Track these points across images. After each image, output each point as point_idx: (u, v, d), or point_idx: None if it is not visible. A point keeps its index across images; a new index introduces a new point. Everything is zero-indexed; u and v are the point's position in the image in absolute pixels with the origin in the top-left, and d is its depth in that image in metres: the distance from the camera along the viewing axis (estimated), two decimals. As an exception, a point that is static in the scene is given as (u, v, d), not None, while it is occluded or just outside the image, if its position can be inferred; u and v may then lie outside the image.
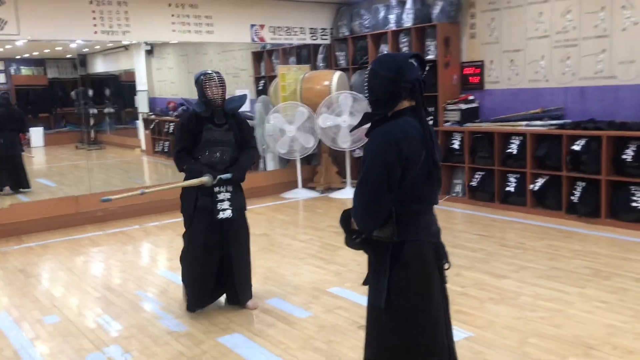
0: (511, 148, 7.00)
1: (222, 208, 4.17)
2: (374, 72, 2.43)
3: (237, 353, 3.63)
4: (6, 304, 4.68)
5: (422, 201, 2.42)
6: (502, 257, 5.32)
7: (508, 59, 7.43)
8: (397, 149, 2.29)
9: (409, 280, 2.38)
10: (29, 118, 11.93)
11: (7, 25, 6.65)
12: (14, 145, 9.43)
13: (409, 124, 2.36)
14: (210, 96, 4.11)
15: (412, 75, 2.37)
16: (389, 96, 2.39)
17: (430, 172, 2.38)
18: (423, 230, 2.42)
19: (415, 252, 2.38)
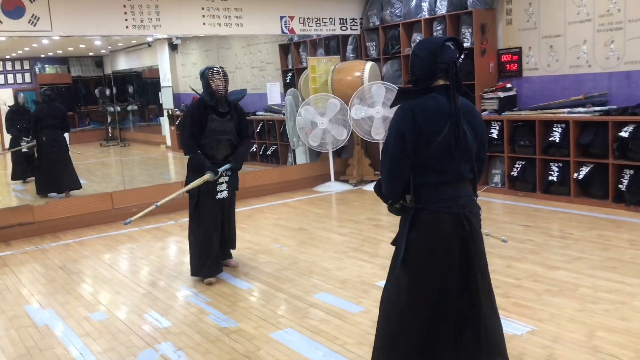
0: (553, 136, 6.80)
1: (221, 189, 4.87)
2: (414, 53, 2.66)
3: (292, 349, 3.52)
4: (51, 302, 4.63)
5: (443, 173, 2.57)
6: (553, 248, 5.15)
7: (547, 44, 7.22)
8: (411, 118, 2.52)
9: (420, 245, 2.59)
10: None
11: (40, 22, 6.60)
12: (58, 143, 8.74)
13: (435, 99, 2.56)
14: (214, 88, 4.69)
15: (447, 57, 2.56)
16: (426, 75, 2.59)
17: (450, 147, 2.52)
18: (443, 201, 2.57)
19: (430, 219, 2.57)
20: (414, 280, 2.62)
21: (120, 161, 10.89)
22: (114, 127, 15.34)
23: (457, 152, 2.56)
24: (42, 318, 4.28)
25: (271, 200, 8.07)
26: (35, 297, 4.77)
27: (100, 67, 16.03)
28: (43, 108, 8.82)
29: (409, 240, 2.61)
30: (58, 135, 8.74)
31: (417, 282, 2.62)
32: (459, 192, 2.62)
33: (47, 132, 8.63)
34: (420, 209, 2.59)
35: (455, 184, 2.61)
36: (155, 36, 8.23)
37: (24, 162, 9.95)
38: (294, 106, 8.93)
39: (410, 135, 2.52)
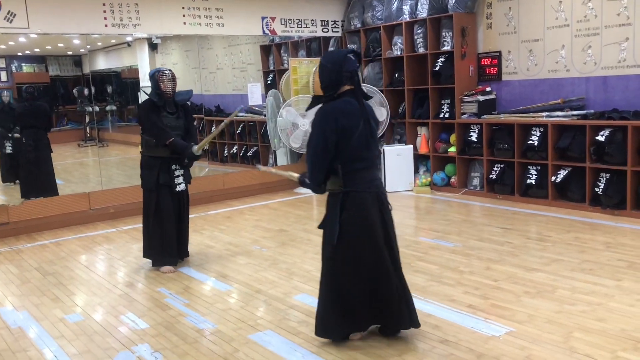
0: (532, 140, 6.87)
1: (178, 182, 5.13)
2: (322, 65, 3.28)
3: (271, 350, 3.50)
4: (25, 303, 4.54)
5: (362, 160, 3.24)
6: (531, 250, 5.20)
7: (526, 49, 7.30)
8: (333, 119, 3.14)
9: (353, 221, 3.23)
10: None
11: (16, 18, 6.49)
12: (41, 144, 8.29)
13: (348, 102, 3.21)
14: (163, 89, 5.01)
15: (350, 66, 3.23)
16: (334, 82, 3.22)
17: (368, 139, 3.22)
18: (364, 183, 3.26)
19: (357, 200, 3.23)
20: (353, 248, 3.26)
21: (98, 162, 10.75)
22: (92, 128, 15.14)
23: (368, 142, 3.23)
24: (16, 320, 4.20)
25: (251, 202, 8.03)
26: (8, 298, 4.68)
27: (78, 67, 15.82)
28: (24, 107, 8.37)
29: (342, 219, 3.23)
30: (41, 135, 8.27)
31: (355, 248, 3.27)
32: (374, 176, 3.34)
33: (28, 132, 8.20)
34: (347, 192, 3.24)
35: (371, 169, 3.32)
36: (135, 35, 8.14)
37: (11, 163, 9.35)
38: (275, 107, 8.90)
39: (331, 133, 3.14)
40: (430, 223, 6.40)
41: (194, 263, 5.38)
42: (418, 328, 3.49)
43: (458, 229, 6.03)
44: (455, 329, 3.64)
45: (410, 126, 8.38)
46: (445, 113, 7.84)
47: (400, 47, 8.30)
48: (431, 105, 7.99)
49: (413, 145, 8.28)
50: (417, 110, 8.25)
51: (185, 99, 5.23)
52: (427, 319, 3.80)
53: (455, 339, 3.50)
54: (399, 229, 6.21)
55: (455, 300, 4.11)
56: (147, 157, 5.14)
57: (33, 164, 8.19)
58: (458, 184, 7.82)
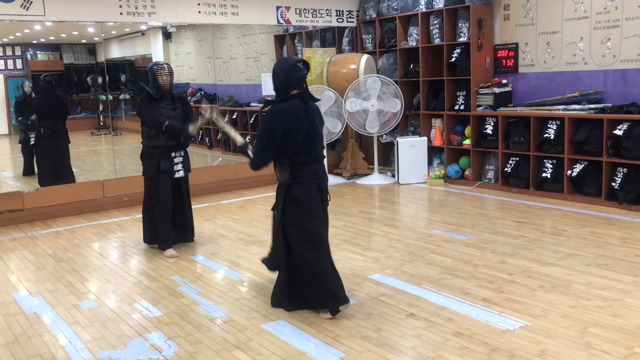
0: (548, 133, 6.79)
1: (177, 169, 5.34)
2: (274, 71, 3.75)
3: (284, 340, 3.50)
4: (40, 289, 4.57)
5: (307, 156, 3.70)
6: (546, 245, 5.15)
7: (544, 41, 7.21)
8: (281, 119, 3.61)
9: (298, 207, 3.74)
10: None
11: (33, 6, 6.50)
12: (60, 134, 8.22)
13: (295, 104, 3.67)
14: (161, 82, 5.19)
15: (299, 74, 3.69)
16: (284, 87, 3.70)
17: (312, 137, 3.70)
18: (309, 175, 3.72)
19: (302, 189, 3.71)
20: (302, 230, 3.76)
21: (111, 150, 10.79)
22: (106, 116, 15.20)
23: (313, 140, 3.70)
24: (31, 305, 4.23)
25: (264, 192, 8.02)
26: (23, 284, 4.72)
27: (92, 55, 15.86)
28: (42, 96, 8.26)
29: (285, 206, 3.76)
30: (59, 125, 8.21)
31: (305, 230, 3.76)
32: (317, 169, 3.78)
33: (47, 122, 8.13)
34: (292, 184, 3.73)
35: (315, 164, 3.77)
36: (149, 24, 8.11)
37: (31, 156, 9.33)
38: (288, 98, 8.87)
39: (278, 131, 3.61)
40: (444, 216, 6.36)
41: (207, 252, 5.39)
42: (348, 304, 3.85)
43: (472, 222, 5.99)
44: (469, 322, 3.62)
45: (424, 118, 8.32)
46: (461, 105, 7.77)
47: (416, 38, 8.23)
48: (446, 97, 7.93)
49: (427, 137, 8.22)
50: (432, 102, 8.19)
51: (182, 92, 5.47)
52: (441, 312, 3.78)
53: (469, 332, 3.48)
54: (412, 221, 6.22)
55: (469, 294, 4.08)
56: (148, 146, 5.35)
57: (50, 153, 8.14)
58: (472, 176, 7.77)
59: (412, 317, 3.75)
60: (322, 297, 3.78)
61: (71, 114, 15.52)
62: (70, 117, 15.52)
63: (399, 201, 7.33)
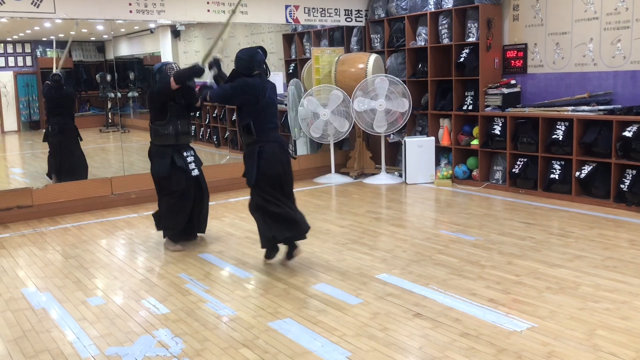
0: (556, 134, 6.77)
1: (192, 168, 5.45)
2: (238, 57, 4.65)
3: (290, 339, 3.50)
4: (48, 285, 4.60)
5: (269, 122, 4.67)
6: (553, 246, 5.13)
7: (553, 41, 7.18)
8: (247, 86, 4.58)
9: (266, 165, 4.61)
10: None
11: (43, 3, 6.54)
12: (68, 130, 8.22)
13: (256, 80, 4.62)
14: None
15: (259, 58, 4.67)
16: (248, 68, 4.62)
17: (272, 107, 4.72)
18: (273, 138, 4.69)
19: (269, 148, 4.62)
20: (268, 184, 4.63)
21: (120, 147, 10.82)
22: (114, 113, 15.25)
23: (273, 108, 4.73)
24: (39, 301, 4.26)
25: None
26: (32, 280, 4.74)
27: (101, 53, 15.91)
28: (51, 93, 8.27)
29: (259, 165, 4.58)
30: (68, 122, 8.23)
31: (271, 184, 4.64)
32: (277, 134, 4.79)
33: (55, 119, 8.13)
34: (263, 144, 4.62)
35: (276, 130, 4.77)
36: (158, 22, 8.13)
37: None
38: (296, 97, 8.88)
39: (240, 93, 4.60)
40: (451, 216, 6.35)
41: (215, 250, 5.41)
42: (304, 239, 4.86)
43: (479, 223, 5.98)
44: (476, 323, 3.61)
45: (432, 118, 8.31)
46: (469, 105, 7.75)
47: (425, 38, 8.21)
48: (454, 97, 7.91)
49: (435, 137, 8.21)
50: (440, 102, 8.17)
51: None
52: (448, 312, 3.78)
53: (476, 333, 3.47)
54: (419, 221, 6.22)
55: (476, 294, 4.07)
56: (158, 146, 5.36)
57: (60, 149, 8.13)
58: (480, 177, 7.75)
59: (419, 317, 3.75)
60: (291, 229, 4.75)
61: (80, 111, 15.60)
62: (78, 115, 15.60)
63: (406, 201, 7.32)
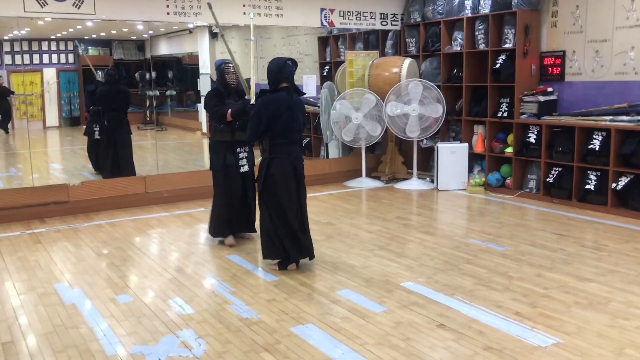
0: (593, 144, 6.62)
1: (242, 164, 5.58)
2: (269, 68, 4.64)
3: (312, 345, 3.51)
4: (79, 281, 4.72)
5: (285, 138, 4.63)
6: (585, 259, 5.02)
7: (593, 49, 7.02)
8: (266, 108, 4.56)
9: (274, 179, 4.67)
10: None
11: (84, 4, 6.71)
12: (122, 126, 8.43)
13: (281, 96, 4.59)
14: (227, 80, 5.49)
15: (288, 70, 4.61)
16: (276, 80, 4.62)
17: (290, 123, 4.63)
18: (285, 154, 4.66)
19: (278, 164, 4.65)
20: (277, 197, 4.68)
21: (155, 145, 11.02)
22: (152, 111, 15.54)
23: (292, 126, 4.64)
24: (70, 297, 4.37)
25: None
26: (65, 275, 4.88)
27: (141, 51, 16.24)
28: (106, 89, 8.38)
29: (266, 177, 4.66)
30: (122, 118, 8.37)
31: (279, 197, 4.68)
32: (293, 149, 4.74)
33: (110, 115, 8.29)
34: (272, 158, 4.67)
35: (291, 145, 4.71)
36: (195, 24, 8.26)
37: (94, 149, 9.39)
38: (329, 99, 8.90)
39: (264, 117, 4.55)
40: (482, 225, 6.27)
41: (243, 251, 5.46)
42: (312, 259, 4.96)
43: (510, 233, 5.89)
44: (500, 336, 3.56)
45: (466, 124, 8.22)
46: (504, 112, 7.64)
47: (460, 43, 8.13)
48: (489, 104, 7.81)
49: (468, 143, 8.11)
50: (475, 108, 8.07)
51: (243, 90, 5.64)
52: (472, 324, 3.74)
53: (500, 347, 3.42)
54: (449, 228, 6.16)
55: (502, 307, 4.02)
56: (215, 141, 5.59)
57: (114, 145, 8.32)
58: (513, 185, 7.63)
59: (442, 327, 3.72)
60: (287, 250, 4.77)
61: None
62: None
63: (437, 208, 7.26)
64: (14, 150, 12.73)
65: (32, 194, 6.81)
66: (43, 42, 14.58)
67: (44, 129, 14.29)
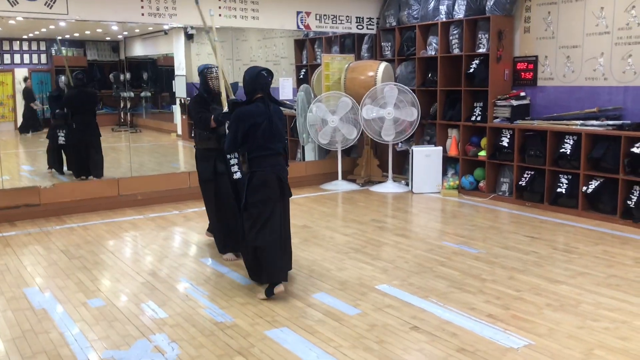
0: (564, 148, 6.73)
1: (234, 171, 5.23)
2: (244, 77, 4.41)
3: (286, 348, 3.51)
4: (50, 285, 4.64)
5: (266, 149, 4.34)
6: (556, 262, 5.10)
7: (564, 55, 7.15)
8: (242, 121, 4.31)
9: (256, 193, 4.35)
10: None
11: (56, 4, 6.61)
12: (91, 129, 8.41)
13: (256, 106, 4.36)
14: (211, 86, 5.33)
15: (262, 80, 4.39)
16: (251, 90, 4.40)
17: (271, 134, 4.36)
18: (268, 166, 4.35)
19: (260, 177, 4.34)
20: (259, 211, 4.34)
21: (129, 147, 10.89)
22: (127, 113, 15.36)
23: (272, 136, 4.35)
24: (40, 301, 4.29)
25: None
26: (35, 279, 4.79)
27: (116, 52, 16.03)
28: (74, 92, 8.35)
29: (248, 191, 4.35)
30: (90, 121, 8.35)
31: (261, 211, 4.34)
32: (276, 161, 4.41)
33: (78, 117, 8.25)
34: (254, 172, 4.36)
35: (274, 157, 4.40)
36: (170, 25, 8.20)
37: (56, 152, 9.25)
38: (305, 102, 8.90)
39: (241, 128, 4.29)
40: (456, 227, 6.33)
41: (217, 255, 5.42)
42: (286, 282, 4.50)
43: (483, 235, 5.95)
44: (473, 338, 3.60)
45: (440, 128, 8.29)
46: (477, 116, 7.73)
47: (435, 47, 8.21)
48: (463, 108, 7.89)
49: (443, 147, 8.19)
50: (449, 112, 8.15)
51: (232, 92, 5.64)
52: (446, 326, 3.77)
53: (473, 349, 3.46)
54: (424, 231, 6.20)
55: (475, 309, 4.06)
56: (202, 149, 5.34)
57: (83, 147, 8.28)
58: (486, 188, 7.72)
59: (416, 330, 3.74)
60: (264, 272, 4.37)
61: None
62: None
63: (411, 210, 7.31)
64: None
65: (2, 196, 6.68)
66: (14, 42, 14.32)
67: (15, 129, 14.03)
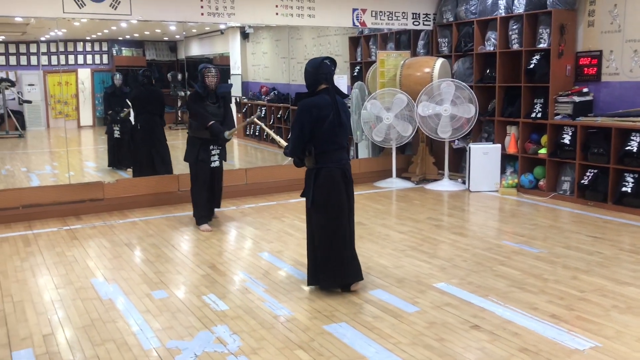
0: (630, 145, 6.48)
1: (214, 160, 6.18)
2: (305, 69, 4.18)
3: (345, 343, 3.52)
4: (115, 276, 4.80)
5: (332, 144, 4.15)
6: (623, 263, 4.92)
7: (631, 49, 6.88)
8: (309, 113, 4.07)
9: (323, 189, 4.16)
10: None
11: (120, 5, 6.82)
12: (155, 130, 8.17)
13: (322, 98, 4.12)
14: (207, 83, 6.02)
15: (325, 70, 4.12)
16: (314, 82, 4.15)
17: (336, 127, 4.12)
18: (333, 161, 4.17)
19: (327, 173, 4.15)
20: (326, 210, 4.18)
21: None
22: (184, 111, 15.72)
23: (339, 130, 4.14)
24: (107, 292, 4.45)
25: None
26: (101, 271, 4.97)
27: (173, 52, 16.46)
28: (141, 91, 8.21)
29: (315, 188, 4.17)
30: (155, 122, 8.13)
31: (327, 211, 4.18)
32: (341, 156, 4.24)
33: (143, 118, 8.11)
34: (320, 168, 4.17)
35: (339, 151, 4.22)
36: (228, 24, 8.35)
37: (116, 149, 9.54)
38: (360, 100, 8.89)
39: (307, 123, 4.07)
40: (515, 227, 6.19)
41: (274, 249, 5.49)
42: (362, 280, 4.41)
43: (544, 235, 5.81)
44: (535, 338, 3.52)
45: (499, 124, 8.13)
46: (538, 113, 7.54)
47: (494, 43, 8.05)
48: (523, 104, 7.71)
49: (501, 144, 8.02)
50: (508, 109, 7.98)
51: (225, 92, 6.32)
52: (507, 326, 3.70)
53: (536, 349, 3.38)
54: (482, 230, 6.10)
55: (537, 309, 3.96)
56: (192, 137, 6.16)
57: (147, 148, 8.12)
58: (547, 187, 7.52)
59: (476, 328, 3.69)
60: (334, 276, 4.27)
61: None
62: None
63: (468, 209, 7.20)
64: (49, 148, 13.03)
65: (69, 191, 6.96)
66: (78, 43, 14.88)
67: (78, 128, 14.59)
